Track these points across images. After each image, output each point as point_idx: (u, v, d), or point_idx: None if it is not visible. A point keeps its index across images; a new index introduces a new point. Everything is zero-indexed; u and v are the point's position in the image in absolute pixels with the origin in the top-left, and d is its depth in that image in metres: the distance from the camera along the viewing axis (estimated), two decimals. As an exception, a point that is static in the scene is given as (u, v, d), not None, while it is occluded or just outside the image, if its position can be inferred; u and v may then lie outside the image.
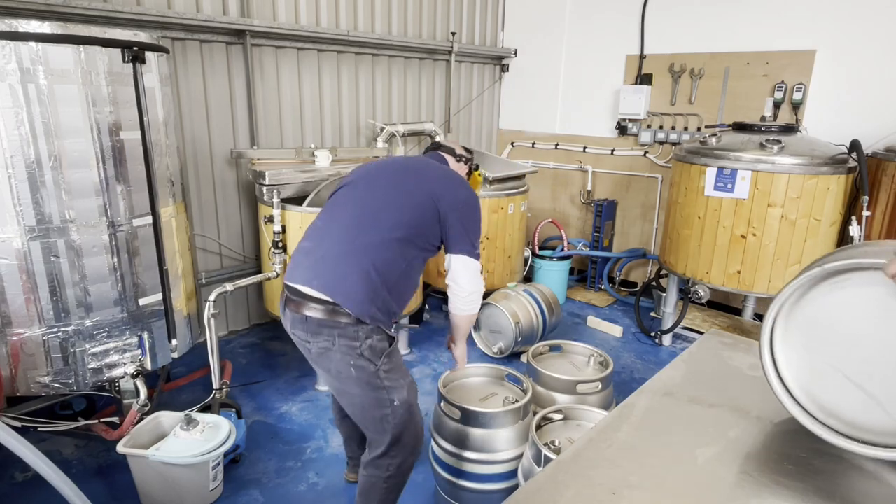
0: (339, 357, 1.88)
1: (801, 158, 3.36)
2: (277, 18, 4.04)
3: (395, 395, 1.94)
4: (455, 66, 5.36)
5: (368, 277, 1.87)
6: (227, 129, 3.98)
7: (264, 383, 3.58)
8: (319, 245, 1.99)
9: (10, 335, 2.41)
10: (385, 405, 1.93)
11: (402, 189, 2.06)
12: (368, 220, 1.97)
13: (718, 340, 1.52)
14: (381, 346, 1.91)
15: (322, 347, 1.89)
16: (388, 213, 1.98)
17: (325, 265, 1.92)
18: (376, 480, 2.05)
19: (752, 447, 1.05)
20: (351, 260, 1.90)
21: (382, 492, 2.07)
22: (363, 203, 2.03)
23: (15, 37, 2.17)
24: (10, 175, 2.26)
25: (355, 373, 1.88)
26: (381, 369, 1.90)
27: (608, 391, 2.55)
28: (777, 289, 3.49)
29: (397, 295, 1.97)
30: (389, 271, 1.92)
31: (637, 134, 5.05)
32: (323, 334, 1.87)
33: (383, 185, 2.08)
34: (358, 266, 1.88)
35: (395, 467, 2.02)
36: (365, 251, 1.90)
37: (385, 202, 2.01)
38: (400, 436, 1.98)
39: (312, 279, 1.90)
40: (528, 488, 0.96)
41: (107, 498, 2.55)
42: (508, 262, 4.63)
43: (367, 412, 1.96)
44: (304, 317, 1.89)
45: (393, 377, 1.94)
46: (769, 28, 4.19)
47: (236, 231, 4.19)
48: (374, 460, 2.03)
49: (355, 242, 1.92)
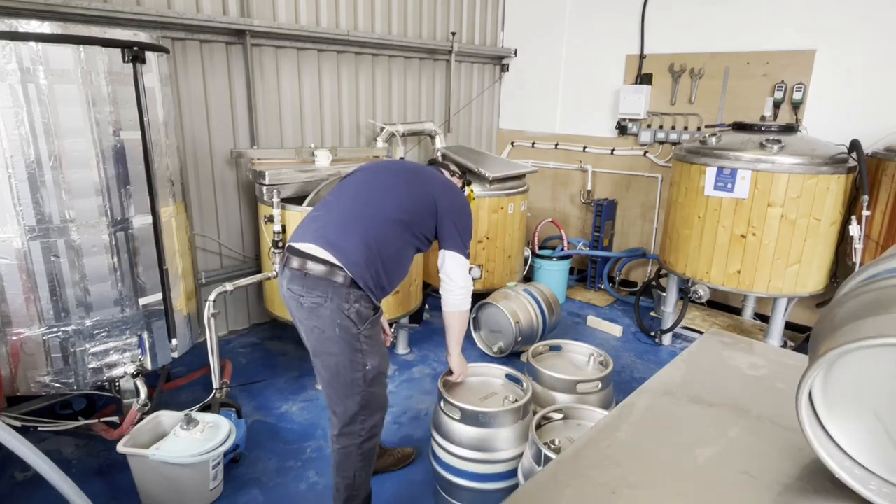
0: (328, 314, 2.00)
1: (801, 158, 3.36)
2: (277, 18, 4.04)
3: (368, 359, 2.07)
4: (455, 66, 5.36)
5: (369, 245, 2.04)
6: (227, 129, 3.98)
7: (264, 383, 3.58)
8: (326, 213, 2.18)
9: (10, 335, 2.41)
10: (358, 368, 2.06)
11: (406, 180, 2.27)
12: (374, 198, 2.18)
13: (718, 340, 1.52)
14: (367, 312, 2.05)
15: (314, 303, 2.01)
16: (391, 196, 2.19)
17: (330, 228, 2.09)
18: (351, 449, 2.15)
19: (752, 447, 1.05)
20: (354, 227, 2.08)
21: (358, 460, 2.17)
22: (370, 185, 2.24)
23: (15, 37, 2.17)
24: (10, 175, 2.26)
25: (339, 332, 2.01)
26: (362, 333, 2.04)
27: (608, 391, 2.56)
28: (777, 288, 3.52)
29: (389, 271, 2.12)
30: (385, 246, 2.09)
31: (637, 134, 5.05)
32: (318, 290, 2.00)
33: (389, 174, 2.30)
34: (360, 233, 2.06)
35: (367, 430, 2.15)
36: (369, 222, 2.10)
37: (390, 188, 2.23)
38: (368, 400, 2.12)
39: (317, 239, 2.05)
40: (529, 488, 0.96)
41: (107, 497, 2.55)
42: (508, 261, 4.63)
43: (341, 374, 2.07)
44: (304, 273, 2.02)
45: (370, 343, 2.08)
46: (769, 28, 4.19)
47: (236, 231, 4.19)
48: (345, 428, 2.14)
49: (360, 213, 2.12)
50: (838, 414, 0.86)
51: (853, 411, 0.85)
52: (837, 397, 0.85)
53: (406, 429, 3.13)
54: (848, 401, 0.85)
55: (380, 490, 2.61)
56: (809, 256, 3.48)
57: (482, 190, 4.33)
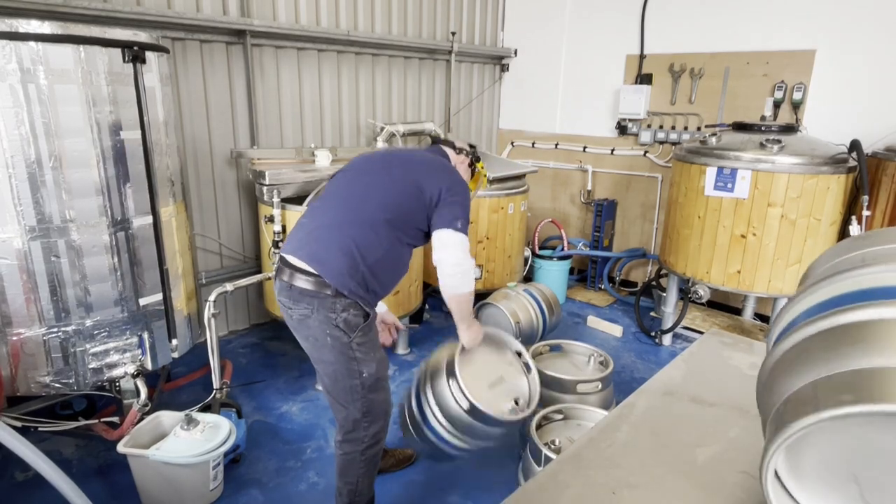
0: (317, 325, 2.00)
1: (801, 158, 3.36)
2: (277, 18, 4.04)
3: (364, 367, 2.04)
4: (455, 65, 5.36)
5: (350, 253, 1.99)
6: (227, 129, 3.98)
7: (264, 383, 3.58)
8: (312, 220, 2.14)
9: (10, 335, 2.41)
10: (355, 375, 2.04)
11: (389, 175, 2.16)
12: (356, 201, 2.10)
13: (718, 340, 1.52)
14: (356, 320, 2.01)
15: (302, 314, 2.01)
16: (374, 195, 2.10)
17: (313, 238, 2.06)
18: (354, 455, 2.14)
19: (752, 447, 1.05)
20: (336, 234, 2.03)
21: (361, 466, 2.15)
22: (353, 185, 2.17)
23: (15, 37, 2.17)
24: (10, 175, 2.26)
25: (330, 341, 2.00)
26: (353, 341, 2.01)
27: (608, 391, 2.56)
28: (777, 288, 3.52)
29: (377, 275, 2.05)
30: (370, 250, 2.02)
31: (637, 133, 5.05)
32: (304, 301, 1.99)
33: (373, 171, 2.21)
34: (341, 241, 2.01)
35: (371, 437, 2.13)
36: (350, 227, 2.03)
37: (373, 186, 2.14)
38: (370, 406, 2.09)
39: (300, 249, 2.04)
40: (529, 488, 0.96)
41: (107, 498, 2.55)
42: (508, 261, 4.63)
43: (340, 381, 2.06)
44: (290, 285, 2.01)
45: (364, 350, 2.04)
46: (769, 28, 4.19)
47: (236, 231, 4.19)
48: (348, 435, 2.13)
49: (342, 219, 2.06)
50: (809, 487, 0.73)
51: (826, 481, 0.72)
52: (806, 469, 0.72)
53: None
54: (819, 470, 0.71)
55: (380, 491, 2.60)
56: (809, 256, 3.48)
57: (482, 190, 4.33)
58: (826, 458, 0.70)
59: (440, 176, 2.16)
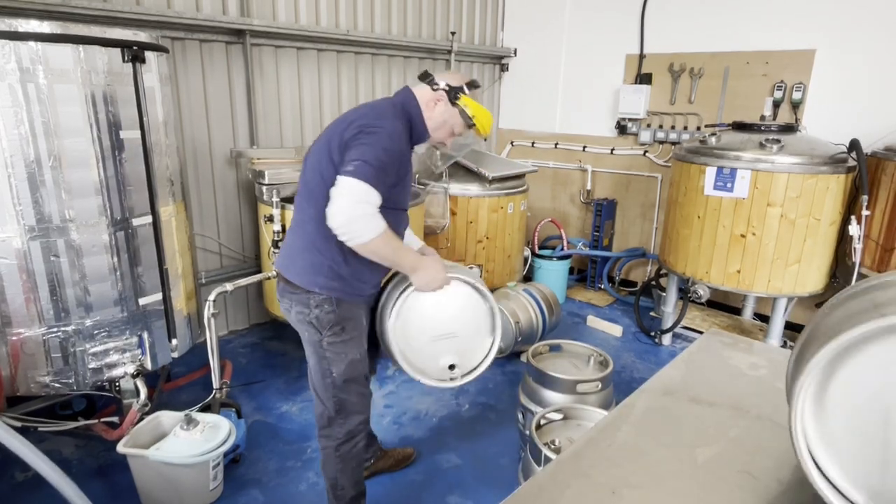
0: (296, 321, 2.06)
1: (801, 158, 3.36)
2: (277, 18, 4.04)
3: (333, 367, 2.05)
4: (455, 65, 5.35)
5: (313, 248, 1.96)
6: (227, 129, 3.98)
7: (264, 383, 3.58)
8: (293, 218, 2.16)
9: (10, 335, 2.41)
10: (326, 374, 2.06)
11: (319, 149, 1.94)
12: (305, 194, 1.99)
13: (718, 340, 1.52)
14: (328, 318, 1.99)
15: (284, 309, 2.10)
16: (311, 184, 1.94)
17: (286, 240, 2.11)
18: (329, 451, 2.17)
19: (752, 447, 1.05)
20: (298, 231, 2.04)
21: (338, 462, 2.17)
22: (303, 176, 2.03)
23: (15, 36, 2.17)
24: (9, 175, 2.26)
25: (307, 336, 2.05)
26: (324, 339, 2.01)
27: (608, 391, 2.56)
28: (777, 288, 3.52)
29: (347, 259, 1.92)
30: (330, 241, 1.86)
31: (637, 133, 5.05)
32: (285, 298, 2.06)
33: (314, 151, 2.00)
34: (302, 238, 2.00)
35: (344, 434, 2.14)
36: (307, 223, 1.98)
37: (309, 169, 1.98)
38: (342, 405, 2.10)
39: (280, 252, 2.11)
40: (529, 487, 0.96)
41: (107, 498, 2.55)
42: (508, 261, 4.63)
43: (315, 377, 2.11)
44: (279, 281, 2.10)
45: (335, 350, 2.03)
46: (769, 28, 4.19)
47: (236, 230, 4.19)
48: (323, 430, 2.17)
49: (299, 216, 2.05)
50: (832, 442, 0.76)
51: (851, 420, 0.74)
52: (831, 416, 0.74)
53: (406, 429, 3.13)
54: (844, 412, 0.74)
55: (380, 491, 2.61)
56: (809, 256, 3.49)
57: (482, 190, 4.33)
58: (851, 391, 0.73)
59: (357, 121, 1.87)
